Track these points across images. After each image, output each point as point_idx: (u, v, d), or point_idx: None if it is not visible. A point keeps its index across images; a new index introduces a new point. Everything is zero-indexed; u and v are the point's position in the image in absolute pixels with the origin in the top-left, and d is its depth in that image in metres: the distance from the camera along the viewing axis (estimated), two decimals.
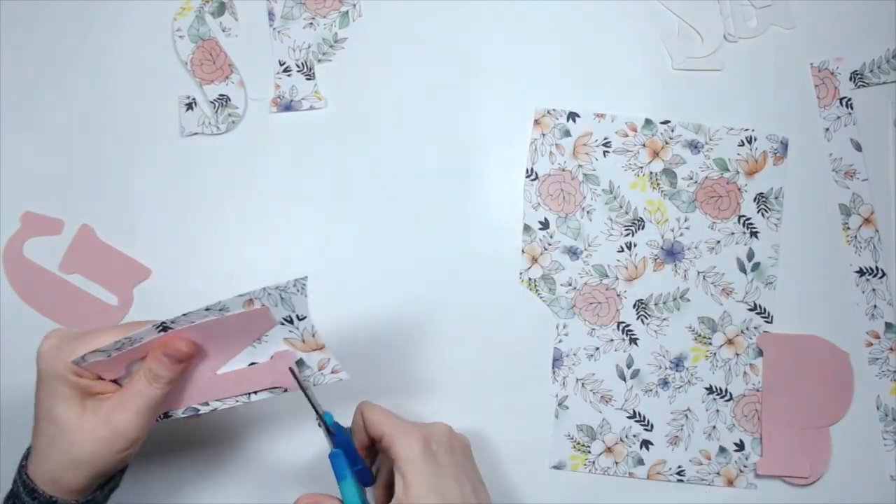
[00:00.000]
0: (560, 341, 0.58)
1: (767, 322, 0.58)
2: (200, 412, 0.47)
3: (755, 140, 0.59)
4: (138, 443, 0.44)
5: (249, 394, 0.46)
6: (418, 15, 0.60)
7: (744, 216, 0.58)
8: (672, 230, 0.58)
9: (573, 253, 0.58)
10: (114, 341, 0.42)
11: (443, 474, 0.44)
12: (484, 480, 0.47)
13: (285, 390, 0.46)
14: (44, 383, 0.43)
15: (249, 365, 0.45)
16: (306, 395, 0.45)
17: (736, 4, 0.60)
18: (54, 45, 0.59)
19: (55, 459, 0.43)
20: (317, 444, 0.55)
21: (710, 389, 0.58)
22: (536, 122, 0.59)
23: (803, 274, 0.58)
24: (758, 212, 0.58)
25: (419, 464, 0.43)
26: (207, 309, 0.42)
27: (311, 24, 0.60)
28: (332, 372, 0.45)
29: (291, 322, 0.43)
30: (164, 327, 0.42)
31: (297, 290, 0.42)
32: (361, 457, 0.46)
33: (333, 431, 0.46)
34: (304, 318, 0.43)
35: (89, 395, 0.44)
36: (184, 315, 0.42)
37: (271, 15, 0.60)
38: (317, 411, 0.45)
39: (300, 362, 0.45)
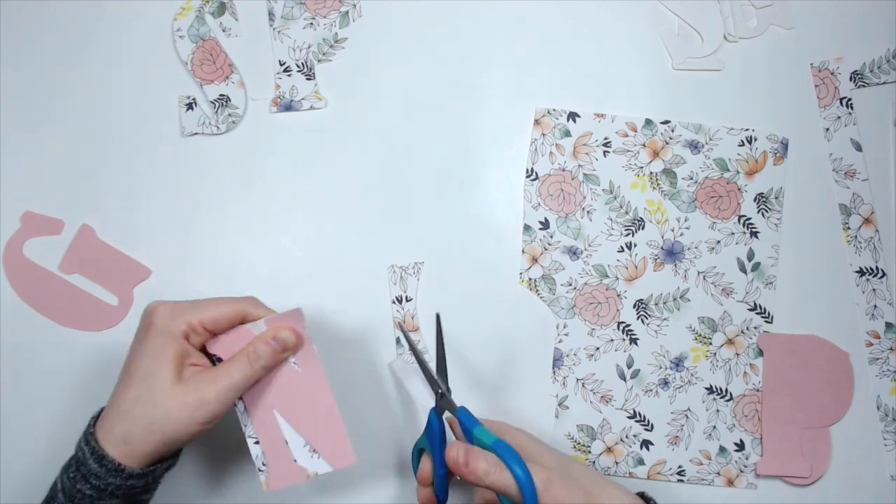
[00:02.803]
0: (560, 341, 0.58)
1: (767, 322, 0.58)
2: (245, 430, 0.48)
3: (755, 140, 0.59)
4: (215, 420, 0.45)
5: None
6: (418, 15, 0.60)
7: (744, 216, 0.58)
8: (672, 230, 0.59)
9: (573, 253, 0.58)
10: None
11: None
12: None
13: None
14: (153, 342, 0.45)
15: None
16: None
17: (736, 4, 0.60)
18: (54, 46, 0.59)
19: (136, 418, 0.44)
20: None
21: (710, 389, 0.58)
22: (536, 122, 0.59)
23: (803, 274, 0.58)
24: (758, 212, 0.58)
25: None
26: None
27: (311, 24, 0.60)
28: None
29: None
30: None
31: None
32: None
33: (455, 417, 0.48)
34: None
35: (188, 363, 0.46)
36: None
37: (271, 15, 0.60)
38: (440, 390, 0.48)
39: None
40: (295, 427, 0.47)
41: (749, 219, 0.58)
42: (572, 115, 0.59)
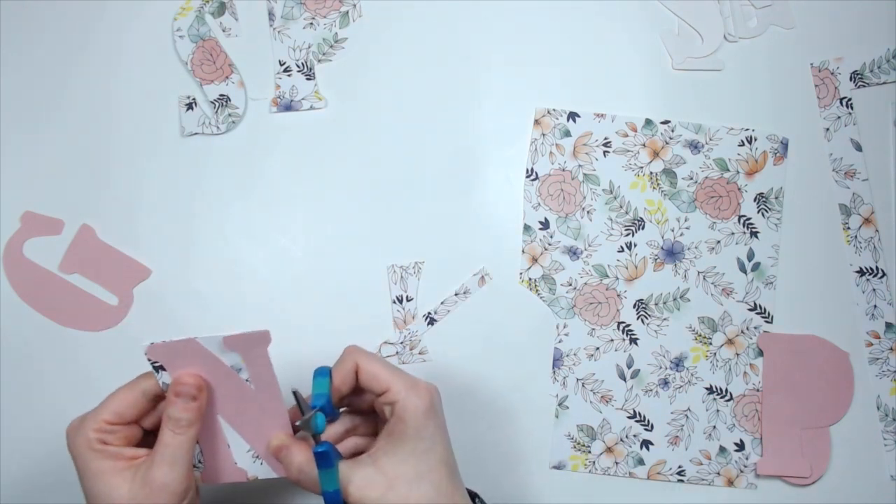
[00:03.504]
0: (560, 341, 0.58)
1: (767, 322, 0.58)
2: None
3: (755, 140, 0.59)
4: (188, 493, 0.43)
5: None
6: (418, 15, 0.60)
7: (744, 216, 0.58)
8: (672, 230, 0.59)
9: (573, 253, 0.58)
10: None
11: (438, 435, 0.44)
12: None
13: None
14: (80, 468, 0.43)
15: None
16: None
17: (736, 4, 0.60)
18: (54, 46, 0.59)
19: None
20: None
21: (710, 389, 0.58)
22: (536, 122, 0.59)
23: (803, 274, 0.58)
24: (758, 212, 0.58)
25: (421, 421, 0.43)
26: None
27: (311, 24, 0.60)
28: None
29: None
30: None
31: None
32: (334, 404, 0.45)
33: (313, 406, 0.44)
34: None
35: (126, 463, 0.43)
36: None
37: (271, 15, 0.60)
38: (302, 407, 0.44)
39: None
40: (240, 433, 0.46)
41: (749, 219, 0.58)
42: (572, 115, 0.59)
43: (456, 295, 0.58)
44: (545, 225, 0.59)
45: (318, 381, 0.45)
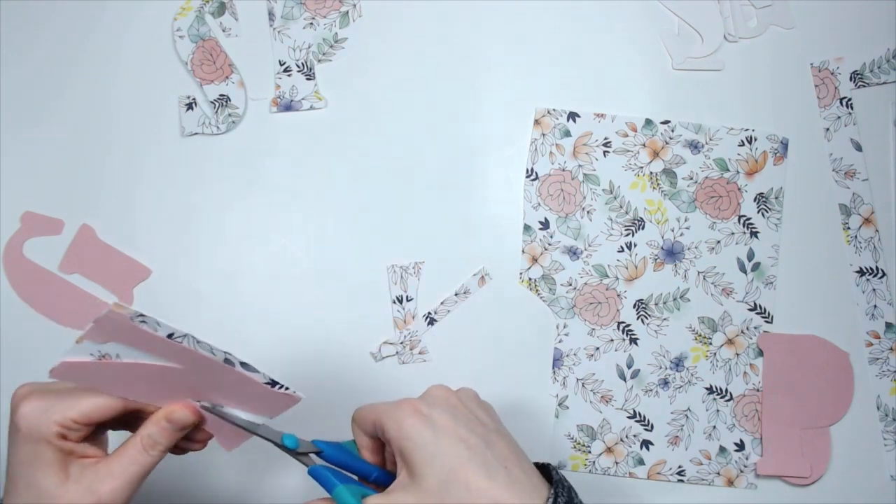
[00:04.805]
0: (560, 341, 0.58)
1: (767, 322, 0.58)
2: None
3: (755, 140, 0.59)
4: None
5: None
6: (418, 15, 0.60)
7: (744, 216, 0.58)
8: (672, 230, 0.59)
9: (573, 253, 0.58)
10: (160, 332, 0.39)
11: (442, 436, 0.39)
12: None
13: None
14: (23, 447, 0.39)
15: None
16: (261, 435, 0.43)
17: (736, 4, 0.60)
18: (54, 46, 0.59)
19: None
20: None
21: (710, 389, 0.58)
22: (536, 122, 0.59)
23: (803, 274, 0.58)
24: (758, 212, 0.58)
25: (413, 435, 0.39)
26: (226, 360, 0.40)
27: (311, 24, 0.60)
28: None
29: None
30: (170, 335, 0.39)
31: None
32: (373, 462, 0.44)
33: (311, 449, 0.43)
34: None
35: (74, 459, 0.40)
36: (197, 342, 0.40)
37: (271, 15, 0.60)
38: (272, 440, 0.43)
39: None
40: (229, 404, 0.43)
41: (749, 219, 0.58)
42: (572, 115, 0.59)
43: (456, 295, 0.58)
44: (545, 225, 0.59)
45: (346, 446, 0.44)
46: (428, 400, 0.41)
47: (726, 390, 0.58)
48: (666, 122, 0.59)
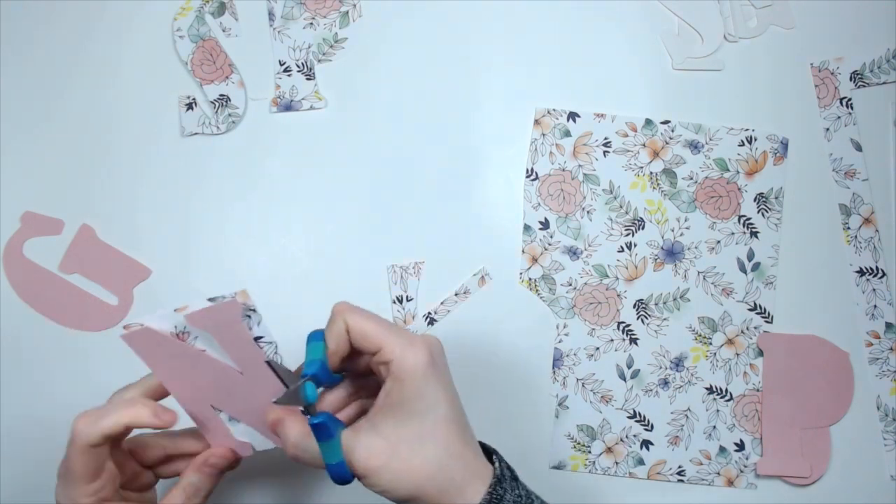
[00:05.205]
0: (560, 341, 0.58)
1: (767, 322, 0.58)
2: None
3: (755, 140, 0.59)
4: None
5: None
6: (418, 15, 0.60)
7: (744, 216, 0.58)
8: (672, 230, 0.59)
9: (573, 253, 0.58)
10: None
11: (441, 389, 0.41)
12: None
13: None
14: (80, 464, 0.41)
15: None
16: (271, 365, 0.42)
17: (736, 4, 0.60)
18: (55, 46, 0.59)
19: None
20: None
21: (710, 389, 0.58)
22: (536, 122, 0.59)
23: (803, 274, 0.58)
24: (758, 212, 0.58)
25: (427, 376, 0.40)
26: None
27: (311, 24, 0.60)
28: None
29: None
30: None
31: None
32: (335, 370, 0.43)
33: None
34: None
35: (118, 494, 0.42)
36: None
37: (271, 15, 0.60)
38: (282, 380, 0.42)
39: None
40: (237, 416, 0.44)
41: (749, 219, 0.58)
42: (572, 115, 0.59)
43: (456, 295, 0.58)
44: (545, 225, 0.59)
45: (312, 347, 0.42)
46: (432, 348, 0.41)
47: (726, 390, 0.58)
48: (666, 122, 0.59)
